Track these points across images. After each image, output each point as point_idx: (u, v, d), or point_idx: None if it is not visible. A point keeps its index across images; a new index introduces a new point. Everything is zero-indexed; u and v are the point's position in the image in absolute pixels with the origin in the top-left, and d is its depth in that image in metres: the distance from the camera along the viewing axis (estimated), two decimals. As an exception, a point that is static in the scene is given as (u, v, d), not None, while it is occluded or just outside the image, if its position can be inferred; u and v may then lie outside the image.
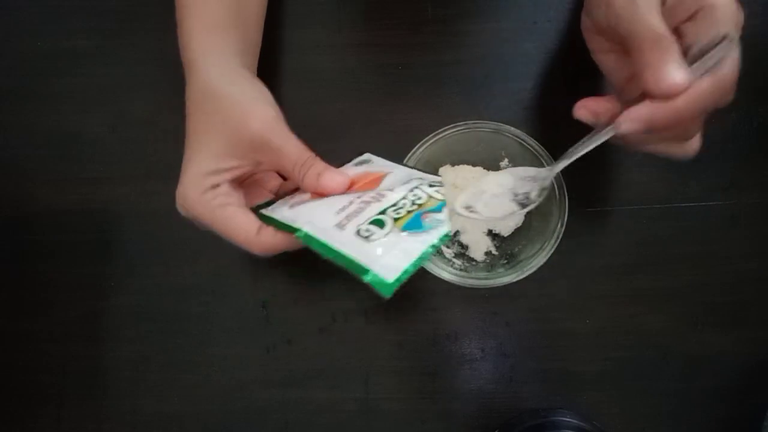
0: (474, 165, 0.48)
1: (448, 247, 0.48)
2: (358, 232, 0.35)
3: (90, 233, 0.51)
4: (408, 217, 0.36)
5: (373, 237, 0.34)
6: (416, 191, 0.38)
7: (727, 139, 0.49)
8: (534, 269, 0.43)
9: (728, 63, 0.36)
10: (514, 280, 0.43)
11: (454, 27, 0.52)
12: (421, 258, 0.34)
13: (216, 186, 0.38)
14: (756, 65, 0.50)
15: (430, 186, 0.39)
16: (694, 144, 0.39)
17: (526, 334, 0.49)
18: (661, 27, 0.36)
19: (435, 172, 0.48)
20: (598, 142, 0.38)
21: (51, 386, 0.50)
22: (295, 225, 0.36)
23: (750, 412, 0.47)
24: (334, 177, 0.38)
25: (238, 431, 0.49)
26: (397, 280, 0.33)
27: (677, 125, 0.37)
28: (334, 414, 0.48)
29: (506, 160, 0.48)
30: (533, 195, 0.43)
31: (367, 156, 0.44)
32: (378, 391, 0.49)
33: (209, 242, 0.50)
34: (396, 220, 0.35)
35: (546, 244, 0.44)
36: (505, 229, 0.48)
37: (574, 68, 0.49)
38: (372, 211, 0.36)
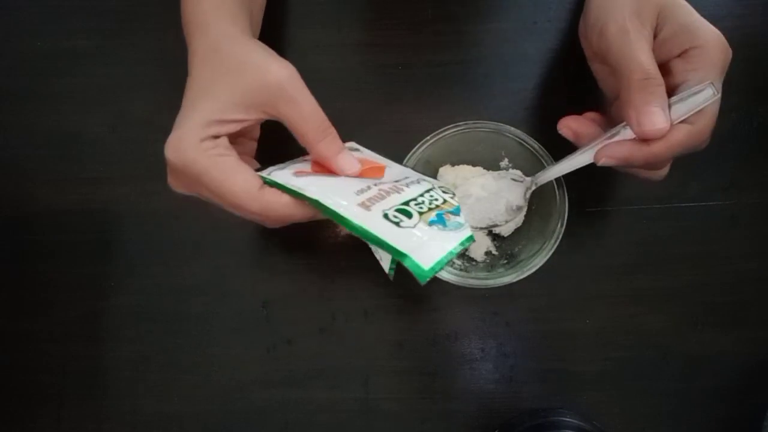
0: (474, 165, 0.48)
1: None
2: (386, 216, 0.35)
3: (90, 233, 0.51)
4: (432, 213, 0.37)
5: (403, 224, 0.35)
6: (432, 193, 0.39)
7: (727, 139, 0.49)
8: (534, 269, 0.43)
9: (707, 114, 0.37)
10: (514, 280, 0.43)
11: (454, 27, 0.52)
12: (451, 253, 0.35)
13: (216, 137, 0.36)
14: (756, 65, 0.50)
15: (444, 192, 0.40)
16: (663, 171, 0.41)
17: (526, 334, 0.49)
18: (650, 65, 0.37)
19: (435, 172, 0.48)
20: (578, 166, 0.41)
21: (51, 386, 0.50)
22: (310, 195, 0.35)
23: (750, 412, 0.47)
24: (353, 161, 0.38)
25: (238, 431, 0.49)
26: (432, 269, 0.34)
27: (651, 165, 0.39)
28: (334, 414, 0.48)
29: (506, 160, 0.48)
30: (515, 205, 0.45)
31: (354, 144, 0.44)
32: (378, 391, 0.49)
33: (209, 242, 0.50)
34: (421, 214, 0.36)
35: (546, 244, 0.44)
36: (505, 229, 0.48)
37: (575, 68, 0.49)
38: (394, 201, 0.36)
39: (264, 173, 0.37)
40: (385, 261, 0.49)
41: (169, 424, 0.49)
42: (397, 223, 0.35)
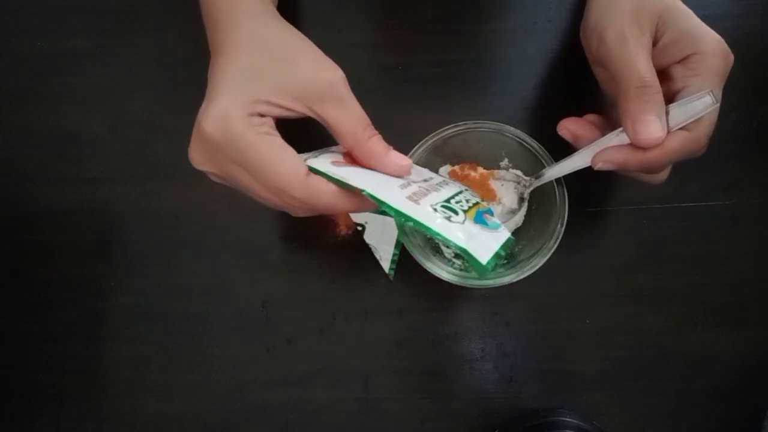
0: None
1: (448, 246, 0.48)
2: (435, 210, 0.35)
3: (90, 233, 0.51)
4: (473, 211, 0.37)
5: (453, 219, 0.35)
6: (465, 194, 0.39)
7: (727, 139, 0.49)
8: (534, 269, 0.43)
9: (705, 122, 0.37)
10: (514, 280, 0.43)
11: (454, 27, 0.52)
12: (499, 253, 0.36)
13: (263, 115, 0.34)
14: (756, 65, 0.50)
15: (471, 194, 0.40)
16: (663, 175, 0.41)
17: (526, 334, 0.49)
18: (647, 73, 0.37)
19: (435, 173, 0.48)
20: (575, 169, 0.42)
21: (51, 386, 0.50)
22: (357, 185, 0.34)
23: (750, 412, 0.47)
24: (403, 155, 0.37)
25: (238, 431, 0.49)
26: (489, 263, 0.34)
27: (648, 170, 0.39)
28: (334, 414, 0.48)
29: (506, 160, 0.48)
30: (509, 208, 0.45)
31: None
32: (378, 391, 0.49)
33: (209, 242, 0.50)
34: (465, 211, 0.36)
35: (546, 244, 0.43)
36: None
37: (575, 68, 0.49)
38: (436, 198, 0.36)
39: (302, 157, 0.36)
40: (385, 261, 0.49)
41: (169, 424, 0.49)
42: (447, 218, 0.35)
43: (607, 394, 0.48)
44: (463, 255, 0.34)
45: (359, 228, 0.49)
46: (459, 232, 0.34)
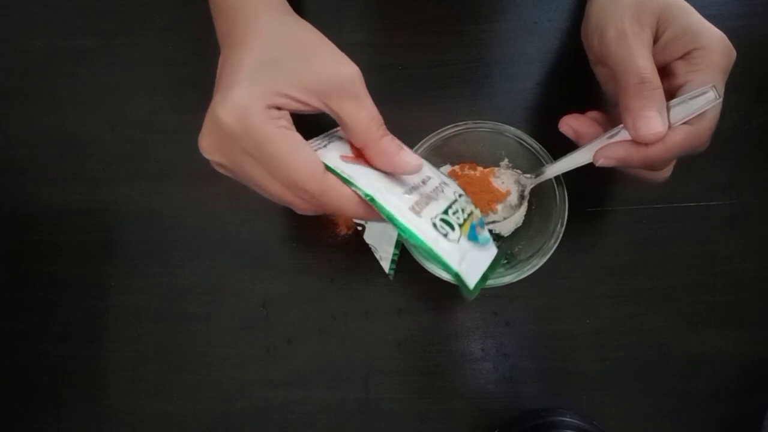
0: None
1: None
2: (434, 226, 0.35)
3: (90, 233, 0.51)
4: (467, 226, 0.37)
5: (449, 237, 0.35)
6: (460, 201, 0.38)
7: (727, 139, 0.49)
8: (534, 269, 0.43)
9: (707, 116, 0.37)
10: (514, 280, 0.43)
11: (454, 27, 0.52)
12: (487, 274, 0.36)
13: (281, 108, 0.34)
14: (756, 65, 0.50)
15: (466, 202, 0.39)
16: (666, 172, 0.41)
17: (526, 334, 0.49)
18: (646, 69, 0.37)
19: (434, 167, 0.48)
20: (577, 165, 0.41)
21: (51, 386, 0.50)
22: (364, 188, 0.34)
23: (750, 412, 0.47)
24: (415, 157, 0.36)
25: (238, 431, 0.49)
26: (476, 287, 0.35)
27: (650, 166, 0.39)
28: (334, 414, 0.48)
29: (506, 159, 0.48)
30: (512, 203, 0.45)
31: None
32: (378, 391, 0.49)
33: (209, 242, 0.50)
34: (460, 226, 0.36)
35: (546, 244, 0.44)
36: (505, 229, 0.48)
37: (575, 68, 0.49)
38: (436, 208, 0.36)
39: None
40: (385, 261, 0.49)
41: (169, 424, 0.49)
42: (444, 235, 0.34)
43: (607, 394, 0.48)
44: (454, 279, 0.34)
45: (359, 228, 0.49)
46: (452, 253, 0.34)
